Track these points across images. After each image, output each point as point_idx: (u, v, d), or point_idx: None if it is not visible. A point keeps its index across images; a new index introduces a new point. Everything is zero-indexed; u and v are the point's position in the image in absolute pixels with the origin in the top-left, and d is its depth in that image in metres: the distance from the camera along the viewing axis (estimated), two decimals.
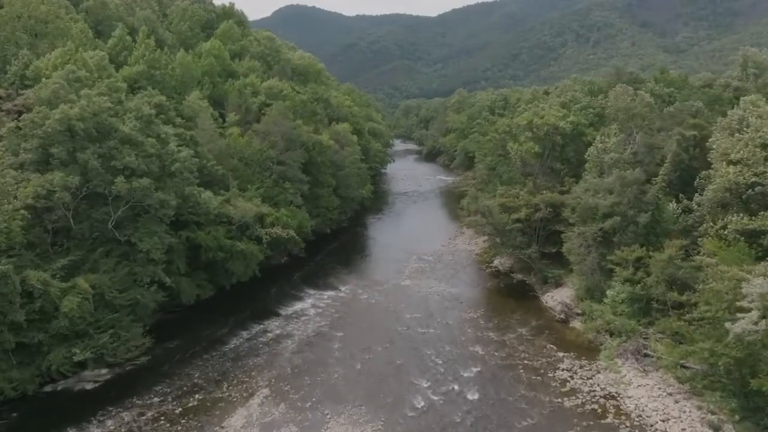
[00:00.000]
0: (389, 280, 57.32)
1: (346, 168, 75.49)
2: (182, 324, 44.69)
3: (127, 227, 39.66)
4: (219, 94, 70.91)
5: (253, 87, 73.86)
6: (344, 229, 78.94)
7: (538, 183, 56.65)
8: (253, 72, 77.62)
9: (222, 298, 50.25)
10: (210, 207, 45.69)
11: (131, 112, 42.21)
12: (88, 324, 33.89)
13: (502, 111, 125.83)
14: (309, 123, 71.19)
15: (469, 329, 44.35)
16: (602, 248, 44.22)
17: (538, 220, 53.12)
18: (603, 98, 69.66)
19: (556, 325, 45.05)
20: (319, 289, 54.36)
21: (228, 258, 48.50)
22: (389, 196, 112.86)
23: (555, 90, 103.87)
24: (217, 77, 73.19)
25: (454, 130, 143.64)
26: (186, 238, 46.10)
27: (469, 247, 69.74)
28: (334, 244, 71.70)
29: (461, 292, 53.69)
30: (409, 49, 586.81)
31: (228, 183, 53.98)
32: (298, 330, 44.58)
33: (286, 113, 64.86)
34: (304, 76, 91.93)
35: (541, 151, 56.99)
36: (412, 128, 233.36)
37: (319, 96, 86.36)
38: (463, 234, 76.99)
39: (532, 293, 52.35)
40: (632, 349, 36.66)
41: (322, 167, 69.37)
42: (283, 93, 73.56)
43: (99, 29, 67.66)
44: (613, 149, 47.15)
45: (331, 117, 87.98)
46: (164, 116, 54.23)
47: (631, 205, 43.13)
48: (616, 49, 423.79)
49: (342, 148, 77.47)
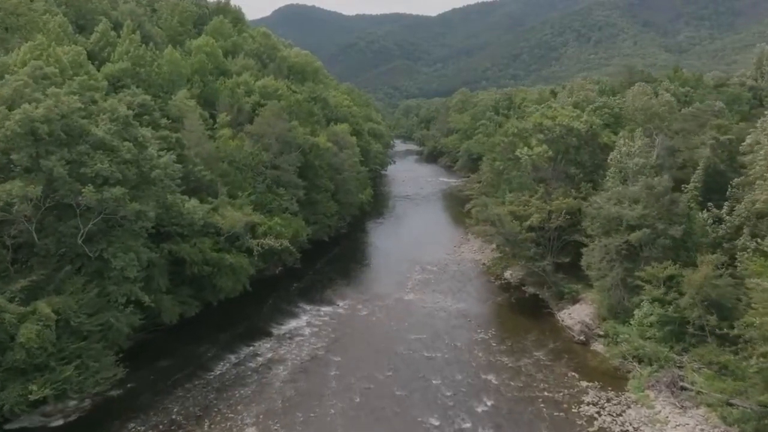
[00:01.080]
0: (391, 293, 53.15)
1: (345, 171, 71.30)
2: (163, 346, 40.48)
3: (100, 242, 35.44)
4: (210, 94, 66.64)
5: (247, 86, 69.64)
6: (343, 236, 74.73)
7: (551, 189, 52.45)
8: (247, 70, 73.40)
9: (209, 315, 46.02)
10: (195, 217, 41.48)
11: (106, 113, 38.00)
12: (49, 355, 29.67)
13: (506, 111, 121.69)
14: (305, 124, 66.98)
15: (480, 353, 40.16)
16: (627, 263, 40.08)
17: (552, 230, 48.96)
18: (620, 97, 65.58)
19: (576, 348, 40.87)
20: (315, 304, 50.18)
21: (215, 272, 44.30)
22: (390, 200, 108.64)
23: (563, 90, 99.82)
24: (208, 75, 68.90)
25: (456, 130, 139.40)
26: (168, 251, 41.89)
27: (476, 256, 65.58)
28: (332, 252, 67.51)
29: (469, 308, 49.52)
30: (409, 49, 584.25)
31: (216, 189, 49.79)
32: (292, 353, 40.38)
33: (281, 114, 60.65)
34: (301, 74, 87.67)
35: (554, 154, 52.79)
36: (413, 128, 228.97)
37: (316, 95, 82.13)
38: (468, 241, 72.84)
39: (546, 310, 48.15)
40: (666, 381, 32.48)
41: (319, 171, 65.17)
42: (279, 92, 69.34)
43: (81, 24, 63.49)
44: (638, 154, 42.96)
45: (329, 117, 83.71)
46: (148, 117, 50.14)
47: (661, 217, 39.00)
48: (618, 48, 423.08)
49: (341, 151, 73.24)
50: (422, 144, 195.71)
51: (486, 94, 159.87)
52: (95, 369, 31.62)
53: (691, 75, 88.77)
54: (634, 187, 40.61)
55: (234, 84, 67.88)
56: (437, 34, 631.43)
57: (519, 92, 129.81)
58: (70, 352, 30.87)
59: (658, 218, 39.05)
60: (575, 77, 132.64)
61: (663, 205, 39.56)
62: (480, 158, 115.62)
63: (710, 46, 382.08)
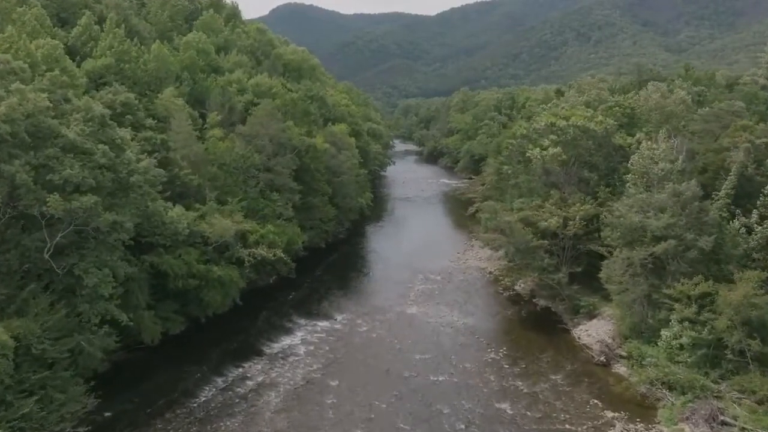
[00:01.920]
0: (393, 306, 49.61)
1: (344, 174, 67.68)
2: (144, 367, 36.89)
3: (70, 256, 31.81)
4: (200, 92, 62.95)
5: (240, 84, 65.99)
6: (341, 242, 71.14)
7: (565, 194, 48.93)
8: (240, 67, 69.72)
9: (196, 332, 42.41)
10: (179, 227, 37.83)
11: (79, 113, 34.35)
12: (6, 388, 26.04)
13: (509, 111, 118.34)
14: (301, 124, 63.34)
15: (492, 376, 36.61)
16: (652, 277, 36.60)
17: (567, 238, 45.43)
18: (633, 96, 62.13)
19: (596, 370, 37.33)
20: (311, 319, 46.62)
21: (202, 286, 40.68)
22: (390, 202, 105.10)
23: (569, 89, 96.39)
24: (198, 73, 65.24)
25: (457, 130, 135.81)
26: (150, 264, 38.27)
27: (482, 264, 62.03)
28: (330, 259, 63.92)
29: (477, 323, 45.98)
30: (408, 48, 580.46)
31: (205, 195, 46.17)
32: (285, 376, 36.78)
33: (275, 113, 57.04)
34: (297, 72, 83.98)
35: (567, 157, 49.26)
36: (412, 128, 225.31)
37: (313, 94, 78.42)
38: (473, 248, 69.32)
39: (561, 325, 44.63)
40: (705, 414, 28.93)
41: (316, 174, 61.54)
42: (273, 91, 65.70)
43: (63, 17, 59.75)
44: (663, 158, 39.43)
45: (326, 117, 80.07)
46: (131, 117, 46.56)
47: (690, 226, 35.52)
48: (618, 48, 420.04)
49: (339, 152, 69.64)
50: (422, 144, 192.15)
51: (487, 94, 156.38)
52: (60, 402, 27.97)
53: (703, 74, 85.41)
54: (661, 194, 37.07)
55: (226, 82, 64.23)
56: (436, 33, 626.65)
57: (522, 92, 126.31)
58: (31, 384, 27.22)
59: (686, 228, 35.59)
60: (583, 75, 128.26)
61: (691, 214, 36.10)
62: (482, 159, 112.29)
63: (710, 46, 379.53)
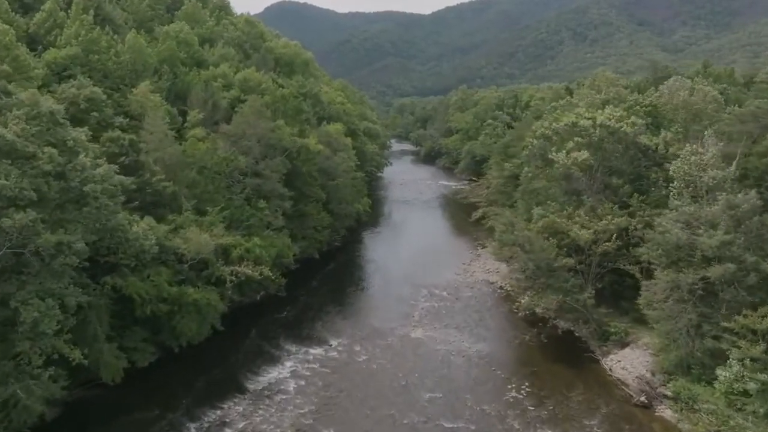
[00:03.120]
0: (395, 328, 44.01)
1: (339, 178, 61.93)
2: (101, 411, 31.03)
3: (7, 283, 26.03)
4: (182, 88, 57.10)
5: (225, 79, 60.15)
6: (337, 251, 65.41)
7: (593, 204, 43.44)
8: (226, 61, 63.81)
9: (168, 363, 36.54)
10: (145, 244, 32.00)
11: (21, 108, 28.53)
12: None
13: (512, 110, 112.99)
14: (293, 123, 57.55)
15: (516, 422, 31.02)
16: (702, 305, 31.19)
17: (595, 255, 39.94)
18: (654, 94, 56.78)
19: (637, 413, 31.84)
20: (303, 344, 40.96)
21: (175, 312, 34.91)
22: (388, 206, 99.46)
23: (579, 86, 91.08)
24: (180, 66, 59.33)
25: (457, 130, 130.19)
26: (112, 287, 32.47)
27: (491, 277, 56.56)
28: (324, 271, 58.21)
29: (492, 350, 40.44)
30: (403, 47, 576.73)
31: (180, 204, 40.35)
32: (270, 421, 31.06)
33: (264, 111, 51.27)
34: (289, 67, 78.08)
35: (592, 162, 43.81)
36: (408, 127, 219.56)
37: (306, 91, 72.62)
38: (479, 258, 63.90)
39: (588, 353, 39.13)
40: None
41: (308, 178, 55.81)
42: (262, 86, 59.87)
43: (26, 2, 53.72)
44: (713, 164, 34.01)
45: (320, 116, 74.35)
46: (97, 114, 40.76)
47: (749, 246, 30.13)
48: (614, 47, 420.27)
49: (334, 154, 63.87)
50: (419, 144, 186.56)
51: (487, 93, 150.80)
52: None
53: (723, 70, 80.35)
54: (712, 206, 31.67)
55: (210, 76, 58.36)
56: (431, 32, 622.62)
57: (525, 90, 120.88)
58: None
59: (745, 248, 30.22)
60: (599, 70, 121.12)
61: (750, 231, 30.73)
62: (484, 161, 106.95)
63: (706, 46, 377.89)
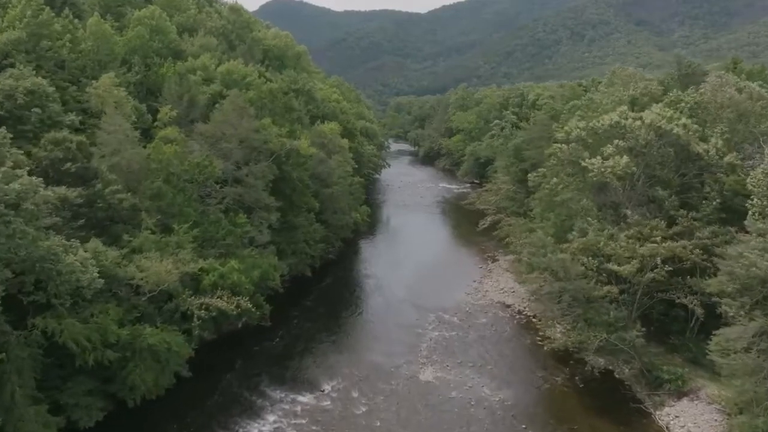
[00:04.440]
0: (400, 367, 37.05)
1: (335, 185, 54.90)
2: None
3: None
4: (156, 81, 50.08)
5: (206, 72, 52.98)
6: (332, 264, 58.29)
7: (629, 218, 36.66)
8: (207, 52, 56.57)
9: (121, 420, 29.41)
10: (83, 279, 24.78)
11: None
12: None
13: (517, 109, 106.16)
14: (282, 122, 50.44)
15: None
16: None
17: (641, 284, 33.11)
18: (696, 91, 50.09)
19: None
20: (289, 389, 33.98)
21: (127, 359, 27.76)
22: (386, 211, 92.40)
23: (593, 83, 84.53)
24: (154, 56, 52.16)
25: (459, 130, 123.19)
26: (42, 331, 25.30)
27: (506, 298, 49.68)
28: (316, 291, 51.11)
29: (519, 398, 33.50)
30: (399, 46, 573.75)
31: (140, 221, 33.16)
32: None
33: (247, 108, 44.16)
34: (279, 60, 70.94)
35: (634, 169, 36.97)
36: (405, 127, 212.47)
37: (298, 87, 65.45)
38: (490, 274, 57.04)
39: (635, 404, 32.24)
40: None
41: (299, 186, 48.73)
42: (247, 80, 52.73)
43: None
44: None
45: (314, 114, 67.31)
46: (40, 111, 33.61)
47: None
48: (612, 47, 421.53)
49: (329, 157, 56.86)
50: (416, 144, 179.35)
51: (489, 91, 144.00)
52: None
53: (752, 67, 73.82)
54: None
55: (187, 68, 51.13)
56: (427, 31, 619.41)
57: (532, 88, 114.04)
58: None
59: None
60: (614, 65, 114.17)
61: None
62: (489, 163, 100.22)
63: (705, 46, 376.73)
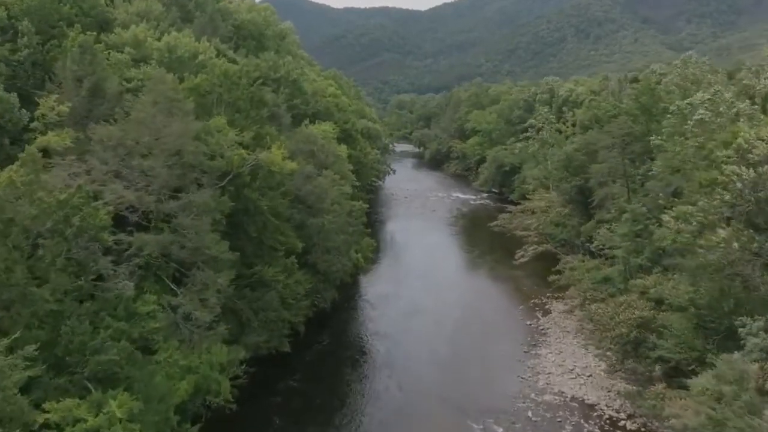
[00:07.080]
0: None
1: (328, 213, 37.62)
2: None
3: None
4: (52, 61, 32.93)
5: (138, 48, 35.83)
6: (323, 322, 41.27)
7: None
8: (145, 21, 39.35)
9: None
10: None
11: None
12: None
13: (547, 108, 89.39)
14: (246, 122, 33.19)
15: None
16: None
17: None
18: None
19: None
20: None
21: None
22: (391, 230, 75.18)
23: (653, 73, 67.73)
24: (62, 25, 35.04)
25: (476, 131, 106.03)
26: None
27: (581, 389, 32.81)
28: (296, 372, 34.14)
29: None
30: (399, 43, 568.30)
31: None
32: None
33: (181, 101, 26.98)
34: (257, 40, 53.84)
35: None
36: (407, 126, 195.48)
37: (280, 75, 48.28)
38: (546, 338, 40.23)
39: None
40: None
41: (271, 221, 31.49)
42: (198, 60, 35.54)
43: None
44: None
45: (302, 112, 50.24)
46: None
47: None
48: (618, 45, 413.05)
49: (319, 172, 39.72)
50: (422, 145, 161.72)
51: (505, 88, 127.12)
52: None
53: None
54: None
55: (110, 43, 33.97)
56: (428, 28, 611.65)
57: (562, 84, 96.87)
58: None
59: None
60: (623, 63, 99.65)
61: None
62: (515, 171, 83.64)
63: (713, 44, 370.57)
